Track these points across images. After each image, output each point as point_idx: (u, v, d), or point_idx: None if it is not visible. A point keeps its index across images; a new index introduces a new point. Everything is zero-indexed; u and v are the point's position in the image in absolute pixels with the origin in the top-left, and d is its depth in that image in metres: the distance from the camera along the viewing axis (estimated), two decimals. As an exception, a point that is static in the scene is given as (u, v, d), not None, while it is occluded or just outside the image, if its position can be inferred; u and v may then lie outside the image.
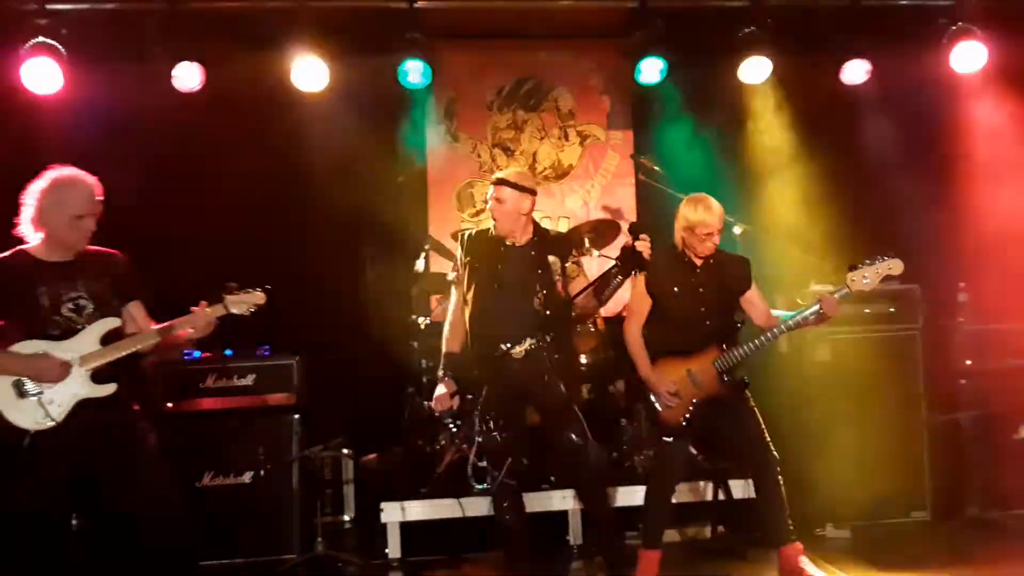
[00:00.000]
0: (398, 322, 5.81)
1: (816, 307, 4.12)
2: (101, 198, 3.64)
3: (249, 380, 5.11)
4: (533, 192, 4.25)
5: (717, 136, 6.51)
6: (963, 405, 5.30)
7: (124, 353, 3.55)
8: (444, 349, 4.33)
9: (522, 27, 6.58)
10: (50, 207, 3.53)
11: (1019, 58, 5.80)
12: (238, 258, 5.85)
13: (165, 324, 3.64)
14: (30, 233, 3.58)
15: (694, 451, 4.94)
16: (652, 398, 4.23)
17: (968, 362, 5.33)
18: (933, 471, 5.27)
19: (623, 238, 5.97)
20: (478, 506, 4.92)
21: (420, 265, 5.86)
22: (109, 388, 3.52)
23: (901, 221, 6.00)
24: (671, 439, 4.24)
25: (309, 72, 5.62)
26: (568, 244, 4.47)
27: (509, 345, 4.05)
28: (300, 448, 5.01)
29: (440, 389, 4.24)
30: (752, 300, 4.32)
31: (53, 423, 3.42)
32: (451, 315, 4.36)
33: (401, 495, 5.07)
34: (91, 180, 3.63)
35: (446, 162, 6.86)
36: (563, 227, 6.92)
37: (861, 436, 5.14)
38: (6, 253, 3.60)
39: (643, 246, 3.84)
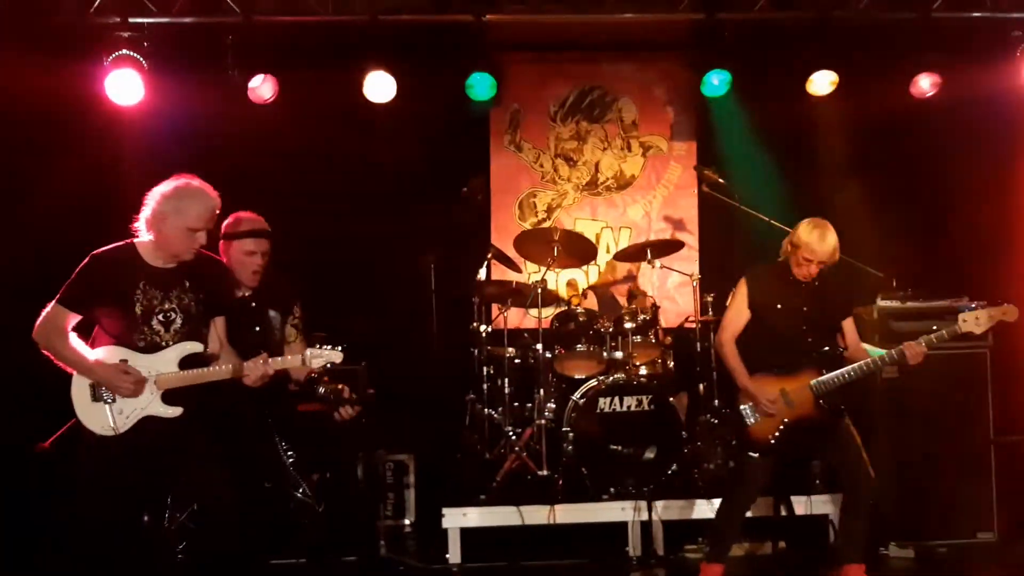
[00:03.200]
0: (460, 330, 5.90)
1: (902, 350, 4.07)
2: (218, 214, 3.66)
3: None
4: None
5: (782, 149, 6.47)
6: (1032, 426, 5.20)
7: (197, 382, 3.58)
8: None
9: (587, 39, 6.62)
10: (168, 213, 3.52)
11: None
12: (308, 267, 6.02)
13: (242, 362, 3.62)
14: (143, 231, 3.58)
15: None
16: (744, 410, 4.19)
17: (1038, 382, 5.23)
18: (1000, 492, 5.17)
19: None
20: (537, 514, 4.97)
21: (483, 274, 5.95)
22: (176, 411, 3.56)
23: (971, 238, 5.90)
24: (756, 455, 4.21)
25: (379, 85, 5.76)
26: None
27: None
28: (365, 452, 5.10)
29: None
30: (845, 330, 4.29)
31: (114, 432, 3.50)
32: None
33: (462, 501, 5.14)
34: (214, 195, 3.62)
35: (509, 172, 6.94)
36: (624, 237, 6.96)
37: (928, 455, 5.07)
38: (117, 244, 3.62)
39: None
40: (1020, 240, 5.89)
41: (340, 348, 3.72)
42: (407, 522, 5.79)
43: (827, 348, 4.20)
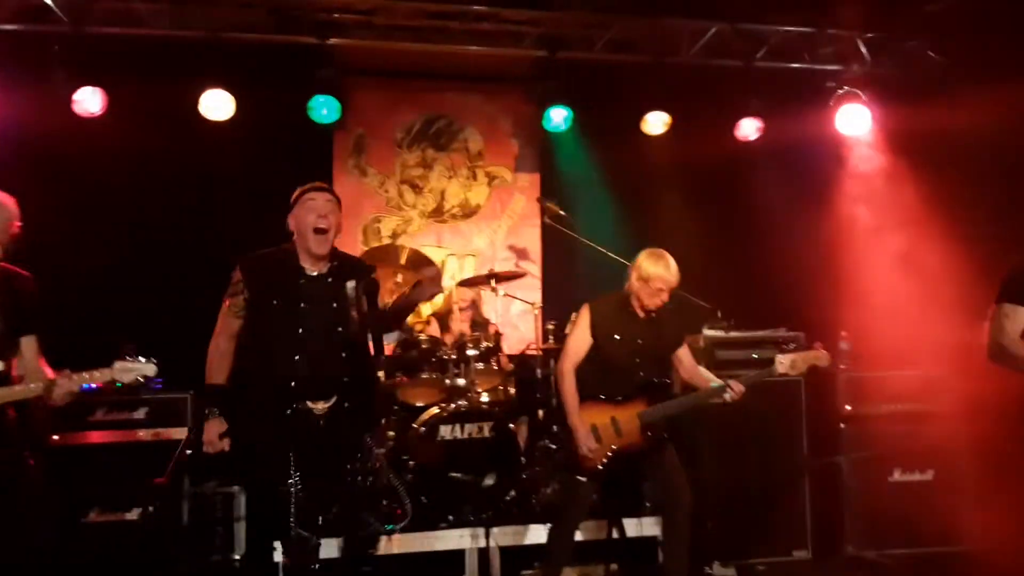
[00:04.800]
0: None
1: (723, 386, 4.27)
2: (17, 223, 3.51)
3: (141, 414, 4.99)
4: None
5: (619, 184, 6.73)
6: (842, 448, 5.54)
7: (3, 401, 3.37)
8: None
9: (433, 68, 6.70)
10: None
11: (899, 123, 6.19)
12: (133, 288, 5.73)
13: (52, 379, 3.42)
14: None
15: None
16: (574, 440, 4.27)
17: (848, 407, 5.59)
18: (814, 511, 5.48)
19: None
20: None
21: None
22: None
23: (789, 272, 6.30)
24: (584, 479, 4.29)
25: (216, 102, 5.61)
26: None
27: None
28: (192, 484, 4.90)
29: None
30: (680, 357, 4.46)
31: None
32: None
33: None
34: (10, 205, 3.52)
35: (353, 196, 6.89)
36: (469, 265, 7.02)
37: (748, 477, 5.33)
38: None
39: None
40: (834, 273, 6.31)
41: (152, 360, 3.54)
42: (236, 557, 5.57)
43: (656, 379, 4.35)
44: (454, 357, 5.51)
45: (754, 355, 5.54)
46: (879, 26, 6.16)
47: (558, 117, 6.21)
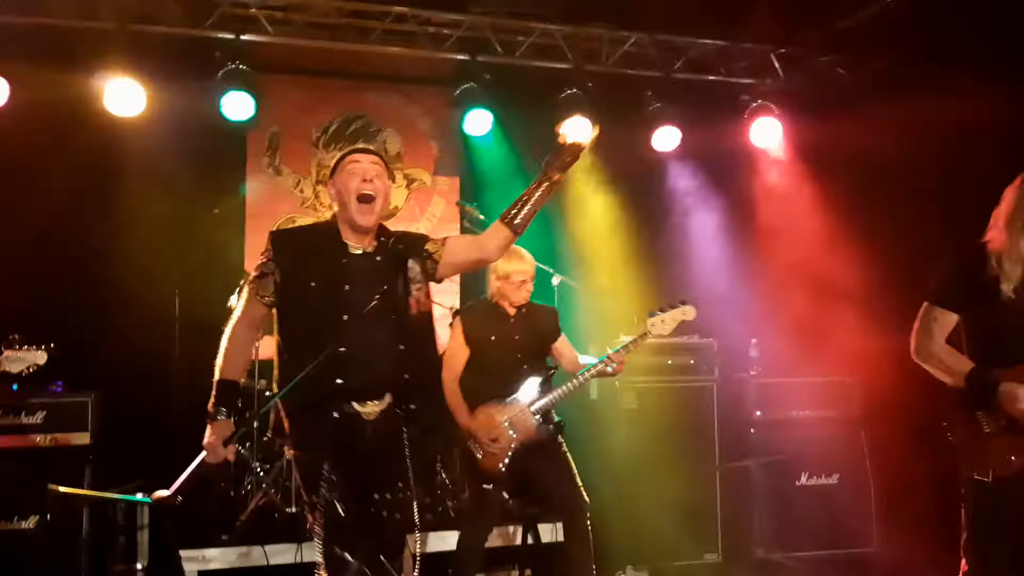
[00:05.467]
0: (208, 359, 5.58)
1: (603, 358, 4.31)
2: None
3: (39, 418, 4.78)
4: None
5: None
6: (752, 453, 5.68)
7: None
8: None
9: (352, 67, 6.60)
10: None
11: (810, 136, 6.37)
12: (35, 286, 5.50)
13: None
14: None
15: (505, 495, 5.03)
16: (472, 446, 4.26)
17: (758, 412, 5.73)
18: (724, 515, 5.60)
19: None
20: (284, 554, 4.78)
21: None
22: None
23: (702, 280, 6.41)
24: (490, 486, 4.28)
25: (125, 96, 5.41)
26: None
27: None
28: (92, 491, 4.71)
29: None
30: (560, 349, 4.51)
31: None
32: None
33: (202, 542, 4.85)
34: None
35: (267, 196, 6.73)
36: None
37: (660, 481, 5.39)
38: None
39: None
40: (746, 281, 6.45)
41: (43, 348, 3.35)
42: (139, 567, 5.36)
43: (540, 372, 4.38)
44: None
45: (668, 361, 5.64)
46: (792, 42, 6.32)
47: (478, 121, 6.19)
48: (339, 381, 3.03)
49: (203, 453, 3.10)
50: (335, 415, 3.05)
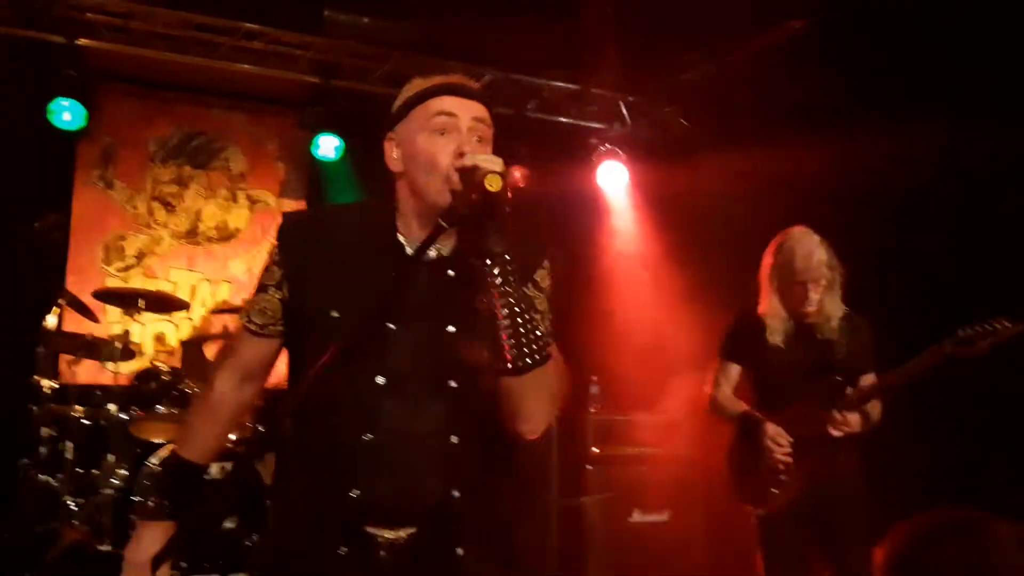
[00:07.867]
0: (16, 384, 5.17)
1: None
2: None
3: None
4: None
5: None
6: (589, 489, 5.75)
7: None
8: None
9: (196, 81, 6.34)
10: None
11: (652, 182, 6.59)
12: None
13: None
14: None
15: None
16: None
17: (595, 449, 5.82)
18: (561, 551, 5.64)
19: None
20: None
21: (52, 321, 5.29)
22: None
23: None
24: None
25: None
26: None
27: None
28: None
29: None
30: None
31: None
32: None
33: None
34: None
35: (95, 210, 6.33)
36: (224, 291, 6.65)
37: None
38: None
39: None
40: (588, 319, 6.57)
41: None
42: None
43: None
44: (196, 391, 5.17)
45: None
46: (639, 90, 6.56)
47: (328, 145, 6.06)
48: (354, 493, 1.85)
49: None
50: (342, 550, 1.85)
